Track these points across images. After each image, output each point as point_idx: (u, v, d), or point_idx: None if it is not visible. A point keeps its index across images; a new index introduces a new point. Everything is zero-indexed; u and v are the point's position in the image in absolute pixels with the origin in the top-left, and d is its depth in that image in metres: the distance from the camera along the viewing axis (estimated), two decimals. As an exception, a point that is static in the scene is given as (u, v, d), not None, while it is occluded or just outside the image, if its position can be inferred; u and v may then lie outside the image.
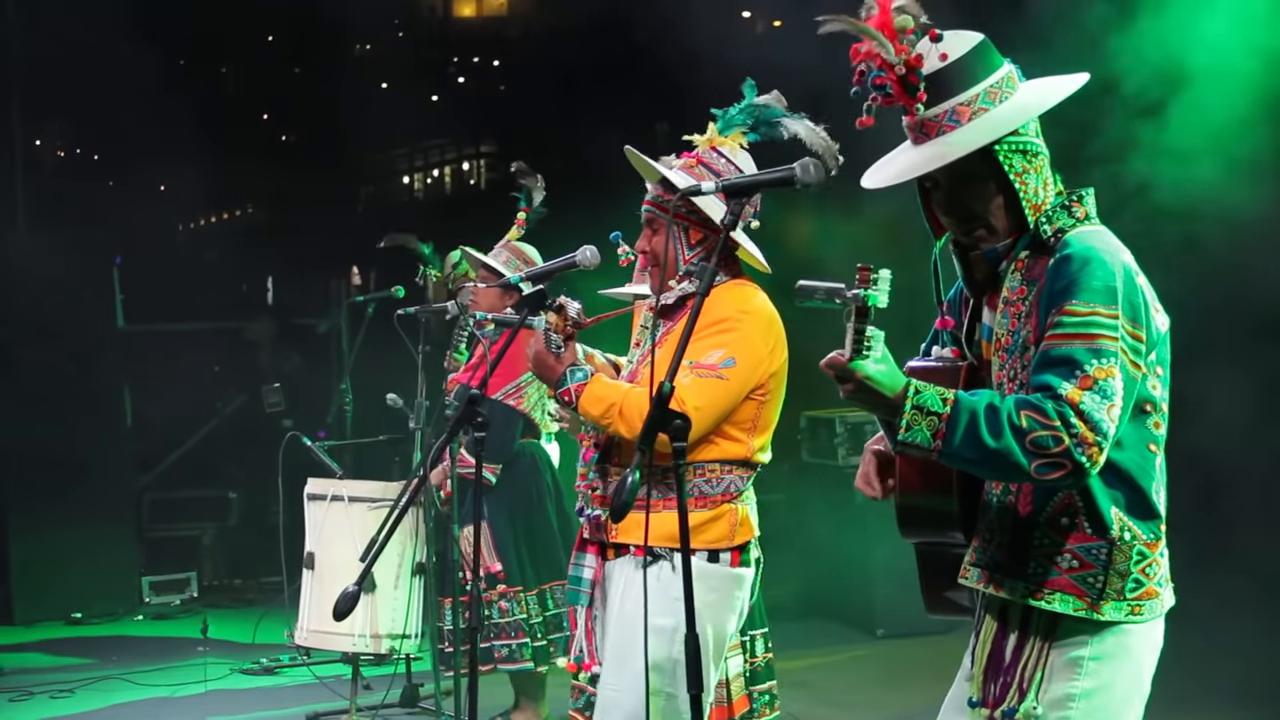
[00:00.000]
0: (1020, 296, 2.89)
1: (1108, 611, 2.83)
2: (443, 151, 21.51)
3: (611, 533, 3.90)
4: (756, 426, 3.91)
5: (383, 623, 6.12)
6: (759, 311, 3.90)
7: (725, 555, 3.87)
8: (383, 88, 15.94)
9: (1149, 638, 2.91)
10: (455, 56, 17.20)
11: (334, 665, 7.41)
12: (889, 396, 2.73)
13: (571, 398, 3.83)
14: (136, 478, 10.80)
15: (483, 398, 3.82)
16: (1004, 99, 2.89)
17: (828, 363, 2.73)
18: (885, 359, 2.73)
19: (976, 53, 2.90)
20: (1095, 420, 2.68)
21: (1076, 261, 2.79)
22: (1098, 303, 2.75)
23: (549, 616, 6.24)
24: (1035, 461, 2.68)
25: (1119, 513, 2.83)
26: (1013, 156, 2.88)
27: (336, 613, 3.63)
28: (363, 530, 6.08)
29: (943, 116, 2.88)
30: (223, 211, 19.13)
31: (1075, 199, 2.91)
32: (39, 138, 13.75)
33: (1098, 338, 2.73)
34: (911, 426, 2.74)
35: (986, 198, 2.91)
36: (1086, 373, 2.71)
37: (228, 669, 8.02)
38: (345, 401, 8.56)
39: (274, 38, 14.60)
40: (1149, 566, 2.85)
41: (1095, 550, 2.83)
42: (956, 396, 2.75)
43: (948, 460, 2.76)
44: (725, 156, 3.97)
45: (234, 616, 9.40)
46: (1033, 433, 2.68)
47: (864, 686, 7.35)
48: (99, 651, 8.76)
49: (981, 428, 2.70)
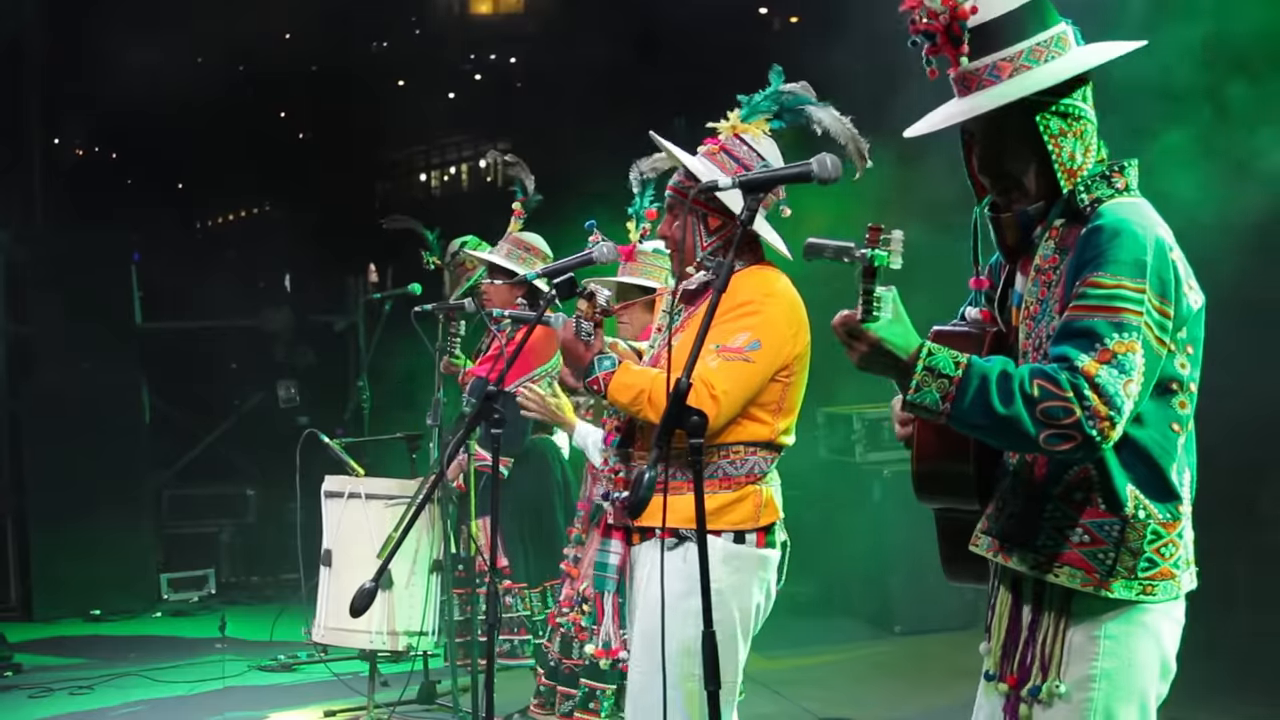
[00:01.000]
0: (1052, 265, 2.85)
1: (1117, 590, 2.78)
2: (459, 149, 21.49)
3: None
4: (782, 409, 3.91)
5: (400, 620, 6.12)
6: (782, 294, 3.90)
7: (751, 536, 3.87)
8: (399, 85, 15.96)
9: (1169, 615, 2.86)
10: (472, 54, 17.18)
11: (351, 662, 7.41)
12: (902, 358, 2.70)
13: (600, 385, 3.83)
14: (155, 475, 10.82)
15: (500, 393, 3.82)
16: (1050, 58, 2.84)
17: (839, 321, 2.70)
18: (900, 319, 2.69)
19: (1027, 9, 2.85)
20: (1110, 394, 2.63)
21: (1107, 232, 2.74)
22: (1124, 276, 2.69)
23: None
24: (1044, 432, 2.63)
25: (1135, 490, 2.78)
26: (1050, 118, 2.84)
27: (354, 609, 3.64)
28: (380, 527, 6.09)
29: (984, 70, 2.85)
30: (240, 209, 19.14)
31: (1117, 169, 2.86)
32: (58, 136, 13.77)
33: (1121, 311, 2.68)
34: (921, 388, 2.70)
35: (1021, 157, 2.87)
36: (1106, 346, 2.65)
37: (245, 666, 8.03)
38: (363, 399, 8.57)
39: (291, 35, 14.59)
40: (1164, 547, 2.80)
41: (1108, 527, 2.79)
42: (970, 360, 2.70)
43: (956, 424, 2.72)
44: (748, 144, 3.97)
45: (252, 613, 9.42)
46: (1044, 402, 2.63)
47: (882, 683, 7.33)
48: (118, 648, 8.79)
49: (992, 393, 2.65)
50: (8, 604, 9.76)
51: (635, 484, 2.81)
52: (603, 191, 6.45)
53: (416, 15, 15.87)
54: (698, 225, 3.96)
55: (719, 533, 3.80)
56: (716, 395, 3.67)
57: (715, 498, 3.81)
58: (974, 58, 2.85)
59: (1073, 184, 2.85)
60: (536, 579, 6.25)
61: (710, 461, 3.82)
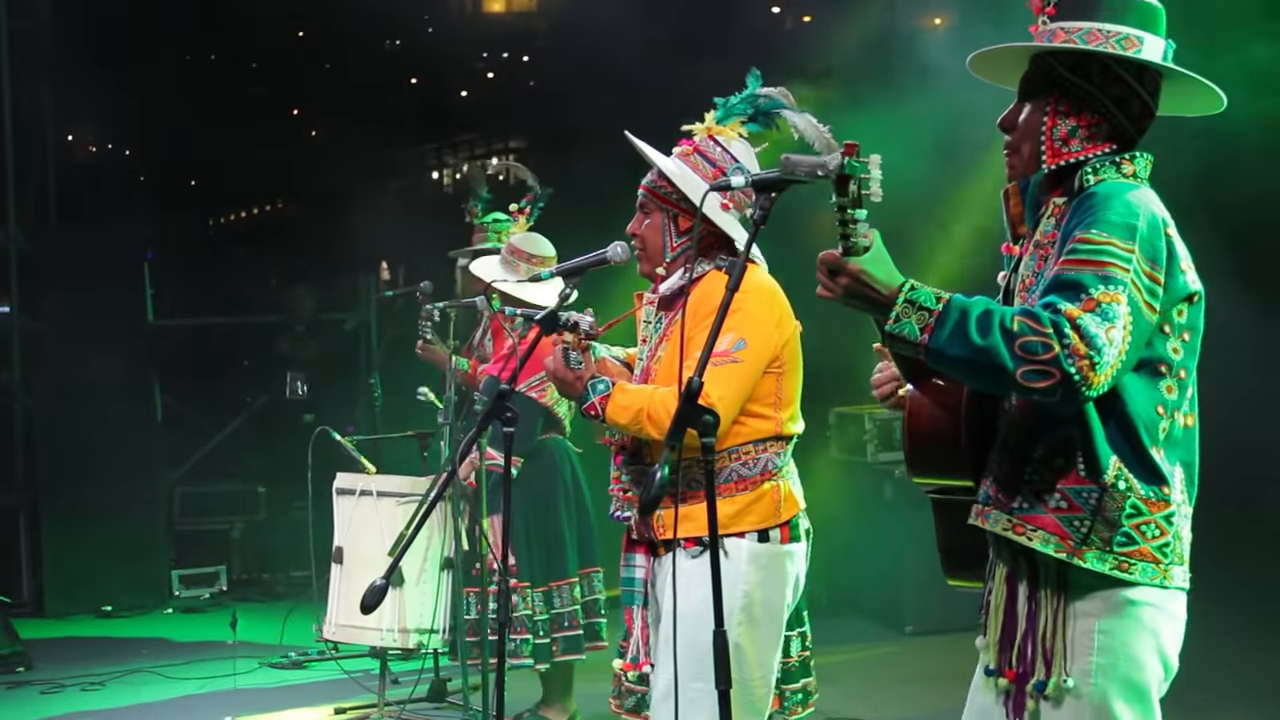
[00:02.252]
0: (1051, 240, 2.87)
1: (1090, 560, 2.77)
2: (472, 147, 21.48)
3: (659, 530, 3.87)
4: (780, 400, 3.90)
5: (410, 617, 6.12)
6: (758, 287, 3.87)
7: (774, 533, 3.86)
8: (412, 83, 15.94)
9: (1165, 609, 2.83)
10: (484, 52, 17.16)
11: (362, 660, 7.42)
12: (883, 292, 2.70)
13: (597, 411, 3.82)
14: (166, 472, 10.84)
15: (512, 392, 3.82)
16: (1101, 46, 2.86)
17: (822, 258, 2.70)
18: (881, 256, 2.69)
19: (1119, 2, 2.88)
20: (1090, 334, 2.62)
21: (1100, 197, 2.78)
22: (1115, 235, 2.71)
23: (553, 614, 6.23)
24: (1022, 367, 2.62)
25: (1118, 461, 2.77)
26: (1066, 95, 2.88)
27: (364, 607, 3.64)
28: (391, 525, 6.09)
29: (1045, 32, 2.91)
30: (252, 207, 19.16)
31: (1127, 158, 2.88)
32: (71, 133, 13.80)
33: (1108, 265, 2.68)
34: (901, 319, 2.69)
35: (1029, 119, 2.92)
36: (1091, 295, 2.65)
37: (256, 663, 8.04)
38: (374, 396, 8.58)
39: (304, 33, 14.61)
40: (1145, 525, 2.78)
41: (1085, 494, 2.78)
42: (951, 296, 2.71)
43: (933, 358, 2.71)
44: (721, 145, 3.96)
45: (263, 611, 9.43)
46: (1023, 336, 2.62)
47: (893, 683, 7.32)
48: (129, 645, 8.81)
49: (971, 325, 2.65)
50: (20, 600, 9.78)
51: (647, 483, 2.81)
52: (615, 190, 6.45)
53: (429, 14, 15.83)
54: (668, 225, 3.96)
55: (743, 534, 3.81)
56: (713, 402, 3.61)
57: (734, 500, 3.80)
58: (1055, 19, 2.90)
59: (1055, 163, 2.88)
60: (541, 579, 6.25)
61: (723, 466, 3.81)
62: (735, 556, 3.79)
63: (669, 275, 3.98)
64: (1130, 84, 2.89)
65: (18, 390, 10.56)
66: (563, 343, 3.86)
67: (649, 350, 4.02)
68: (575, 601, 6.26)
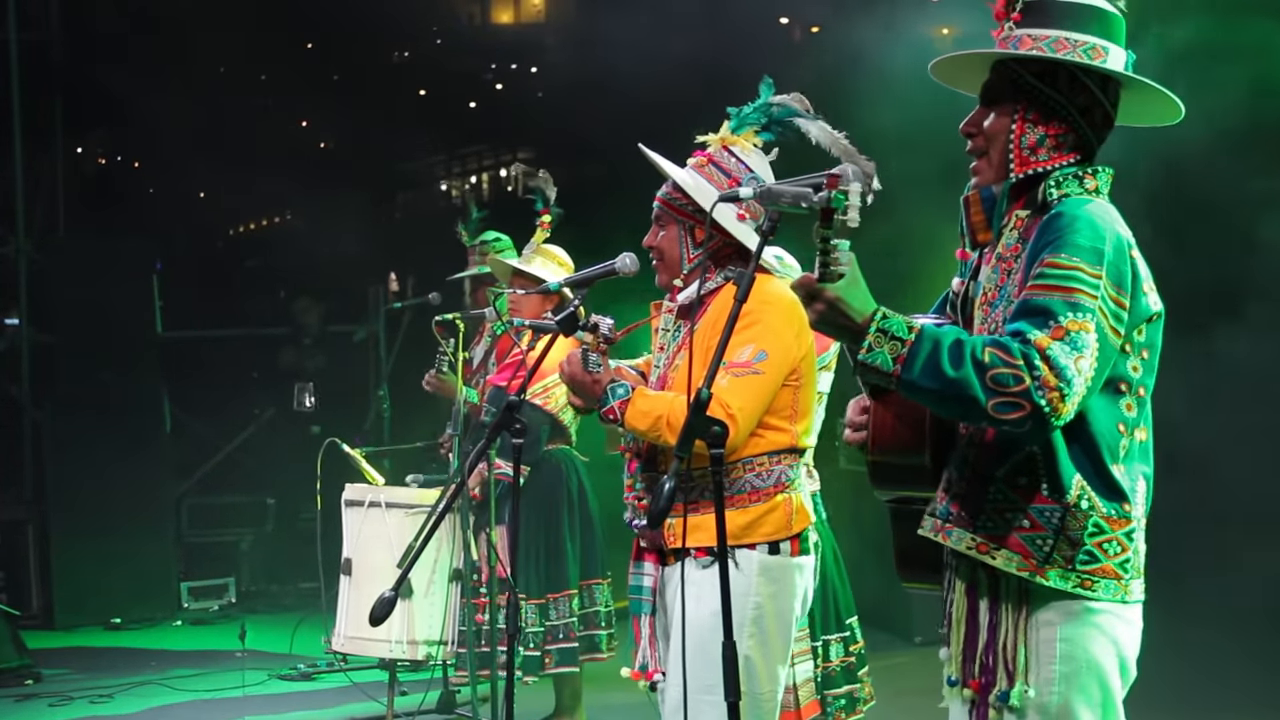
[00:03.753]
0: (1014, 254, 2.87)
1: (1052, 579, 2.79)
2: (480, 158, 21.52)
3: (669, 539, 3.87)
4: (796, 412, 3.89)
5: (419, 629, 6.11)
6: (778, 299, 3.86)
7: (785, 545, 3.85)
8: (421, 94, 15.99)
9: (1122, 618, 2.85)
10: (493, 63, 17.20)
11: (371, 671, 7.41)
12: (856, 320, 2.70)
13: (616, 415, 3.81)
14: (175, 484, 10.85)
15: (521, 403, 3.81)
16: (1068, 55, 2.86)
17: (798, 283, 2.71)
18: (857, 282, 2.70)
19: (1083, 9, 2.88)
20: (1060, 366, 2.63)
21: (1066, 218, 2.77)
22: (1081, 259, 2.71)
23: (549, 626, 6.22)
24: (993, 399, 2.63)
25: (1081, 480, 2.78)
26: (1033, 103, 2.88)
27: (373, 618, 3.63)
28: (400, 536, 6.08)
29: (1011, 39, 2.90)
30: (261, 219, 19.19)
31: (1089, 172, 2.89)
32: (80, 145, 13.83)
33: (1076, 291, 2.69)
34: (873, 349, 2.70)
35: (995, 125, 2.92)
36: (1060, 323, 2.66)
37: (265, 674, 8.04)
38: (383, 408, 8.58)
39: (313, 45, 14.64)
40: (1107, 543, 2.80)
41: (1049, 513, 2.79)
42: (923, 327, 2.71)
43: (905, 389, 2.72)
44: (736, 156, 3.94)
45: (272, 622, 9.43)
46: (994, 369, 2.63)
47: (901, 693, 7.30)
48: (138, 657, 8.82)
49: (943, 357, 2.66)
50: (29, 612, 9.78)
51: (655, 494, 2.81)
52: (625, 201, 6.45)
53: (438, 25, 15.89)
54: (684, 237, 3.95)
55: (754, 546, 3.80)
56: (733, 414, 3.64)
57: (747, 512, 3.79)
58: (1021, 26, 2.89)
59: (1023, 172, 2.88)
60: (538, 591, 6.24)
61: (737, 477, 3.80)
62: (746, 568, 3.78)
63: (687, 285, 3.97)
64: (1095, 93, 2.90)
65: (26, 402, 10.57)
66: (583, 345, 3.85)
67: (666, 359, 4.01)
68: (573, 614, 6.25)
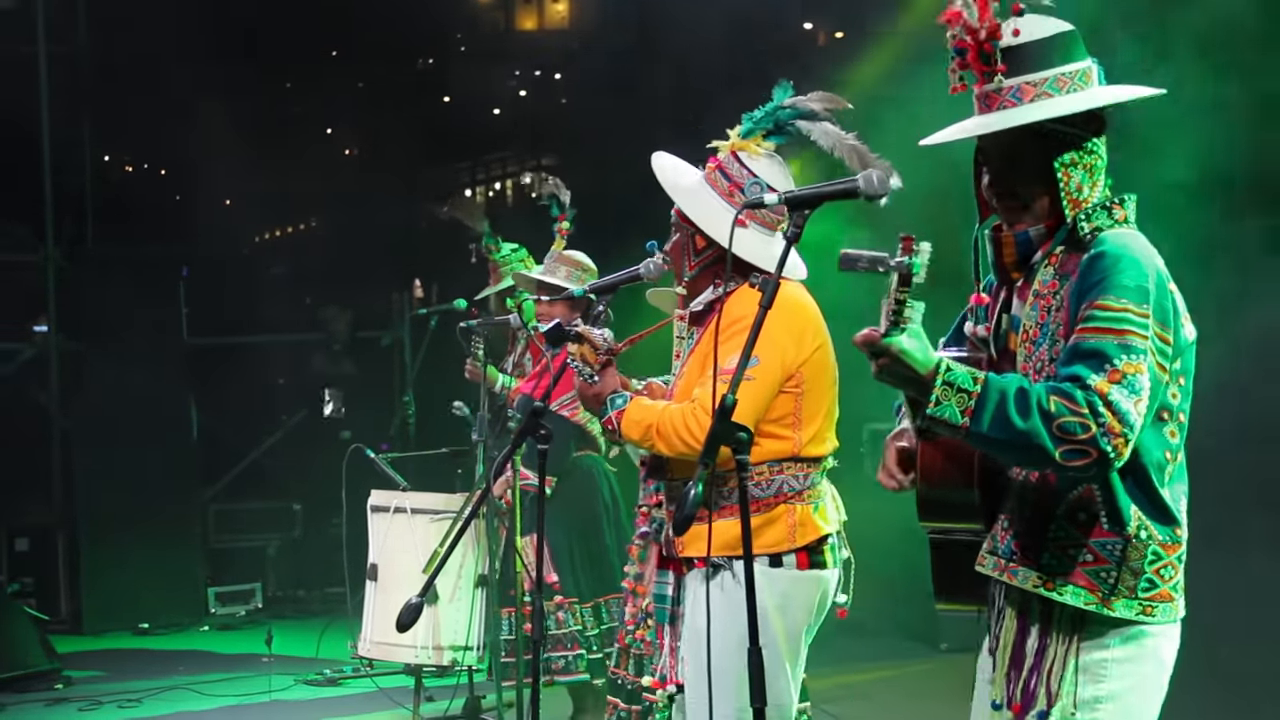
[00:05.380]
0: (1052, 290, 2.89)
1: (1118, 609, 2.83)
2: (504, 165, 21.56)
3: (678, 547, 3.86)
4: (799, 420, 3.83)
5: (445, 634, 6.12)
6: (779, 302, 3.78)
7: (789, 558, 3.80)
8: (445, 101, 16.02)
9: (1170, 638, 2.92)
10: (517, 70, 17.24)
11: (397, 677, 7.43)
12: (921, 373, 2.72)
13: (614, 426, 3.82)
14: (202, 490, 10.90)
15: (546, 410, 3.82)
16: (1072, 90, 2.89)
17: (862, 338, 2.72)
18: (919, 335, 2.71)
19: (1058, 40, 2.90)
20: (1122, 411, 2.67)
21: (1109, 258, 2.79)
22: (1129, 300, 2.75)
23: (604, 629, 6.23)
24: (1061, 447, 2.67)
25: (1138, 511, 2.83)
26: (1064, 148, 2.89)
27: (399, 624, 3.64)
28: (425, 542, 6.10)
29: (1007, 91, 2.89)
30: (287, 225, 19.25)
31: (1116, 202, 2.92)
32: (108, 153, 13.90)
33: (1127, 333, 2.73)
34: (941, 402, 2.72)
35: (1031, 181, 2.92)
36: (1115, 366, 2.70)
37: (292, 680, 8.06)
38: (408, 414, 8.60)
39: (338, 53, 14.69)
40: (1164, 569, 2.85)
41: (1110, 546, 2.83)
42: (987, 377, 2.73)
43: (974, 440, 2.75)
44: (740, 161, 3.92)
45: (298, 628, 9.46)
46: (1061, 418, 2.67)
47: (926, 701, 7.29)
48: (166, 661, 8.85)
49: (1010, 408, 2.69)
50: (58, 617, 9.84)
51: (680, 501, 2.81)
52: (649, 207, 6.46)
53: (462, 32, 15.93)
54: (687, 244, 3.95)
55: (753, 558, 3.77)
56: None
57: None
58: (1011, 76, 2.89)
59: (1078, 212, 2.90)
60: (588, 594, 6.25)
61: (735, 486, 3.70)
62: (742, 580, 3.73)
63: (690, 293, 3.97)
64: (1100, 114, 2.94)
65: (55, 409, 10.63)
66: (570, 355, 3.86)
67: (679, 366, 4.02)
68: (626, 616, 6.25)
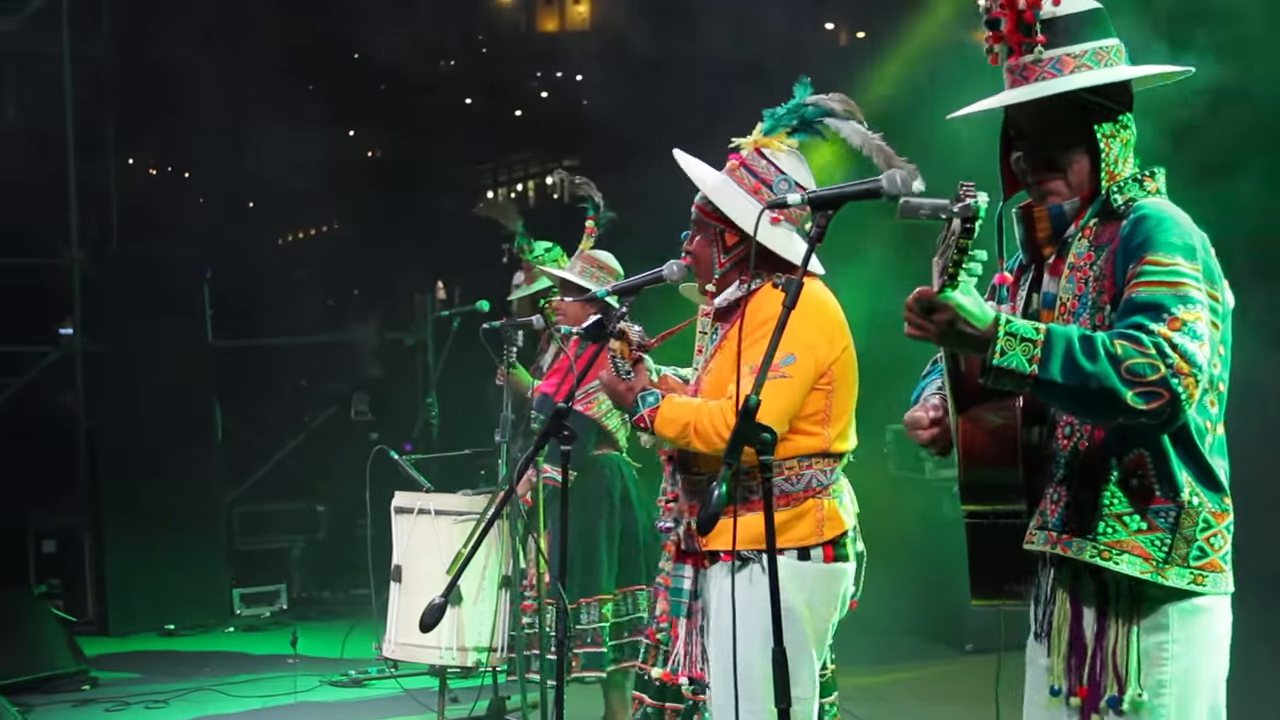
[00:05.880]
0: (1088, 262, 2.89)
1: (1172, 576, 2.81)
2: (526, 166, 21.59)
3: (701, 540, 3.88)
4: (829, 417, 3.86)
5: (469, 635, 6.13)
6: (810, 302, 3.82)
7: (817, 551, 3.83)
8: (466, 103, 16.04)
9: (1222, 615, 2.90)
10: (538, 71, 17.26)
11: (421, 678, 7.44)
12: (980, 328, 2.68)
13: (646, 423, 3.82)
14: (226, 491, 10.93)
15: (569, 410, 3.82)
16: (1109, 64, 2.91)
17: (916, 296, 2.67)
18: (971, 291, 2.67)
19: (1094, 14, 2.93)
20: (1189, 353, 2.66)
21: (1152, 219, 2.80)
22: (1179, 255, 2.75)
23: (618, 623, 6.23)
24: (1132, 389, 2.64)
25: (1189, 477, 2.81)
26: (1103, 120, 2.90)
27: (423, 625, 3.65)
28: (449, 543, 6.11)
29: (1047, 62, 2.90)
30: (310, 227, 19.30)
31: (1147, 174, 2.93)
32: (132, 155, 13.95)
33: (1181, 284, 2.72)
34: (1006, 352, 2.67)
35: (1068, 152, 2.93)
36: (1175, 314, 2.69)
37: (317, 681, 8.09)
38: (431, 415, 8.61)
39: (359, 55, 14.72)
40: (1214, 537, 2.83)
41: (1164, 513, 2.81)
42: (1049, 326, 2.71)
43: (1042, 390, 2.71)
44: (766, 158, 3.93)
45: (323, 629, 9.49)
46: (1129, 359, 2.65)
47: (951, 702, 7.28)
48: (191, 663, 8.89)
49: (1078, 352, 2.66)
50: (84, 619, 9.88)
51: (705, 500, 2.81)
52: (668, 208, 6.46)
53: (484, 33, 15.94)
54: (716, 242, 3.95)
55: (782, 551, 3.75)
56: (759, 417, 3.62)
57: (774, 516, 3.76)
58: (1050, 48, 2.90)
59: (1115, 183, 2.90)
60: (605, 590, 6.25)
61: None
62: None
63: (720, 290, 3.97)
64: (1129, 88, 2.96)
65: (80, 411, 10.67)
66: (612, 352, 3.87)
67: (703, 363, 4.02)
68: (605, 619, 6.25)
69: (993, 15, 2.92)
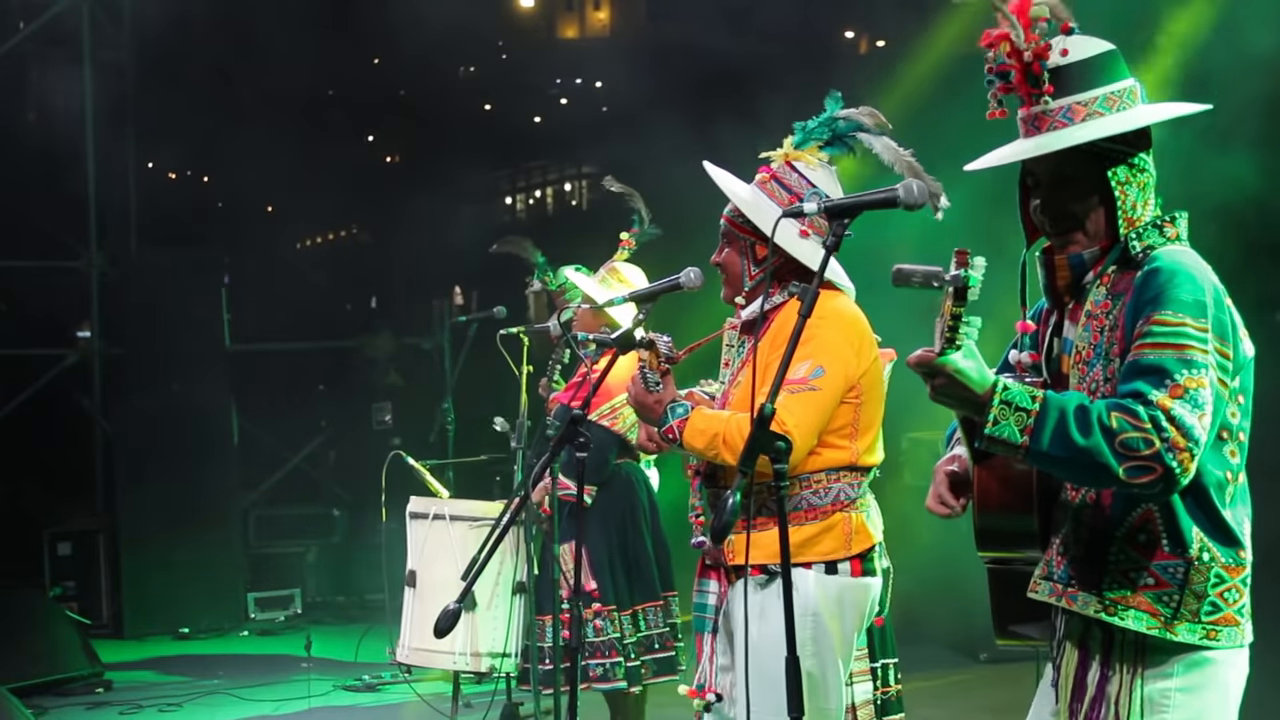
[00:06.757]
0: (1104, 310, 2.85)
1: (1181, 633, 2.76)
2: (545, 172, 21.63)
3: (729, 555, 3.85)
4: (857, 430, 3.83)
5: (483, 641, 6.13)
6: (836, 314, 3.81)
7: (844, 565, 3.79)
8: (486, 109, 16.08)
9: (1236, 666, 2.84)
10: (558, 78, 17.29)
11: (435, 683, 7.45)
12: (978, 393, 2.68)
13: (675, 435, 3.79)
14: (243, 495, 10.96)
15: (584, 418, 3.81)
16: (1121, 109, 2.86)
17: (916, 359, 2.69)
18: (973, 355, 2.67)
19: (1104, 59, 2.89)
20: (1186, 426, 2.62)
21: (1165, 274, 2.76)
22: (1187, 314, 2.71)
23: (642, 637, 6.21)
24: (1125, 464, 2.62)
25: (1199, 533, 2.77)
26: (1118, 166, 2.86)
27: (437, 631, 3.64)
28: (464, 549, 6.11)
29: (1058, 112, 2.86)
30: (328, 233, 19.35)
31: (1168, 219, 2.89)
32: (151, 160, 14.01)
33: (1187, 348, 2.68)
34: (999, 421, 2.68)
35: (1085, 201, 2.89)
36: (1177, 381, 2.66)
37: (330, 685, 8.10)
38: (448, 421, 8.61)
39: (379, 60, 14.76)
40: (1228, 592, 2.78)
41: (1172, 569, 2.77)
42: (1046, 395, 2.70)
43: (1034, 459, 2.71)
44: (799, 171, 3.89)
45: (337, 633, 9.50)
46: (1123, 433, 2.62)
47: (967, 711, 7.26)
48: (206, 666, 8.90)
49: (1071, 425, 2.64)
50: (99, 622, 9.91)
51: (719, 509, 2.80)
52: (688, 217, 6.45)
53: (503, 40, 15.98)
54: (746, 253, 3.92)
55: (809, 565, 3.74)
56: (789, 430, 3.56)
57: (802, 530, 3.74)
58: (1058, 97, 2.86)
59: (1128, 232, 2.86)
60: (627, 602, 6.23)
61: (792, 494, 3.74)
62: (801, 587, 3.70)
63: (749, 303, 3.95)
64: (1147, 130, 2.91)
65: (97, 414, 10.71)
66: (641, 363, 3.85)
67: (730, 375, 4.01)
68: (662, 625, 6.24)
69: (1000, 69, 2.88)
